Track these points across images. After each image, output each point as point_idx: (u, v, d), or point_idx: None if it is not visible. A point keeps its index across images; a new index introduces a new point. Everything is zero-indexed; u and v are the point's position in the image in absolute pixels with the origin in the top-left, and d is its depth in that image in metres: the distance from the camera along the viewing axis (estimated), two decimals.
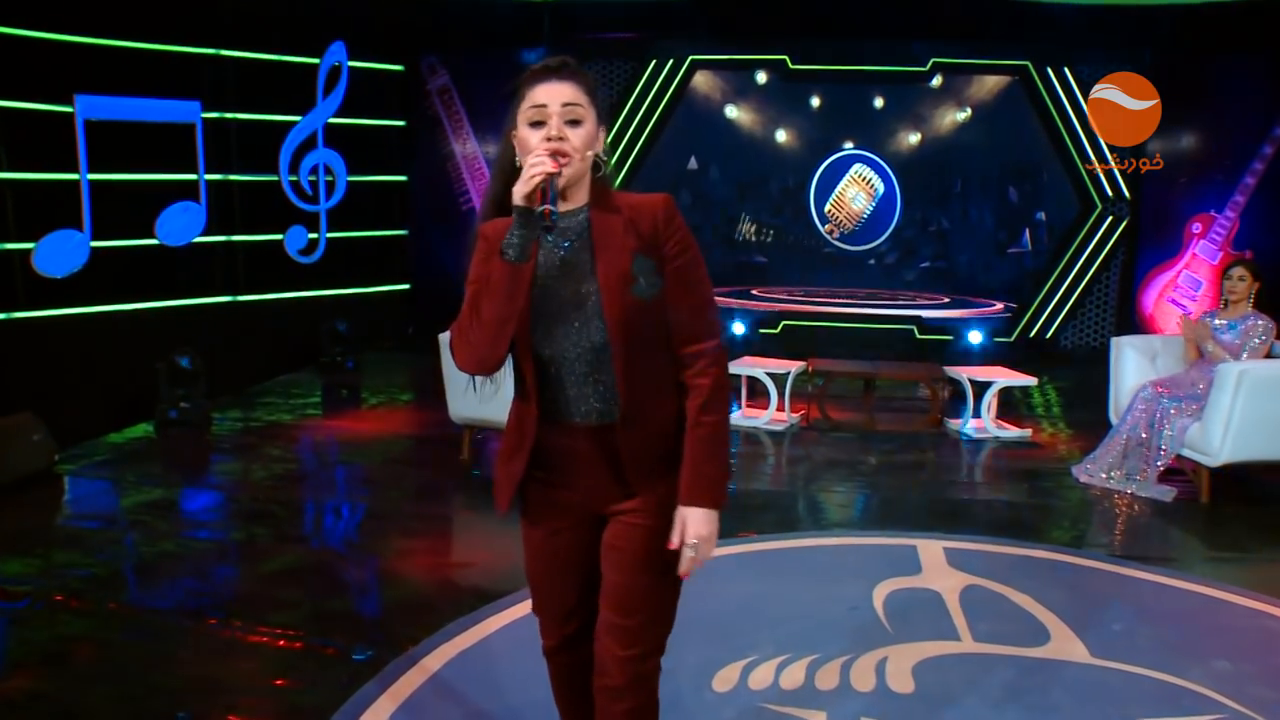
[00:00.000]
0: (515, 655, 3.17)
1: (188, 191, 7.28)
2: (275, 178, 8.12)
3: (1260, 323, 5.27)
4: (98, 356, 6.41)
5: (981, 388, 6.49)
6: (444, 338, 5.40)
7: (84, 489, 5.17)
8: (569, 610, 2.01)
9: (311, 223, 8.48)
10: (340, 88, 8.51)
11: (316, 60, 8.34)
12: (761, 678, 3.03)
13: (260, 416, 6.66)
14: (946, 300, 9.88)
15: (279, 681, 3.01)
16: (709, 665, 3.09)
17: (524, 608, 3.53)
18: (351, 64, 8.55)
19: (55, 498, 5.01)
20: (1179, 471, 5.32)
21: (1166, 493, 5.15)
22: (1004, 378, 6.49)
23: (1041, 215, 9.70)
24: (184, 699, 2.88)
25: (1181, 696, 3.00)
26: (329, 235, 8.62)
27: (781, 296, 9.85)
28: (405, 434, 6.33)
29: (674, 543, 1.83)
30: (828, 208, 9.89)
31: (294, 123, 8.24)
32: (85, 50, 6.50)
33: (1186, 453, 5.18)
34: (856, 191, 9.86)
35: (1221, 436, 4.91)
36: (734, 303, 9.75)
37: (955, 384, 6.66)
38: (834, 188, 9.89)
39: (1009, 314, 9.81)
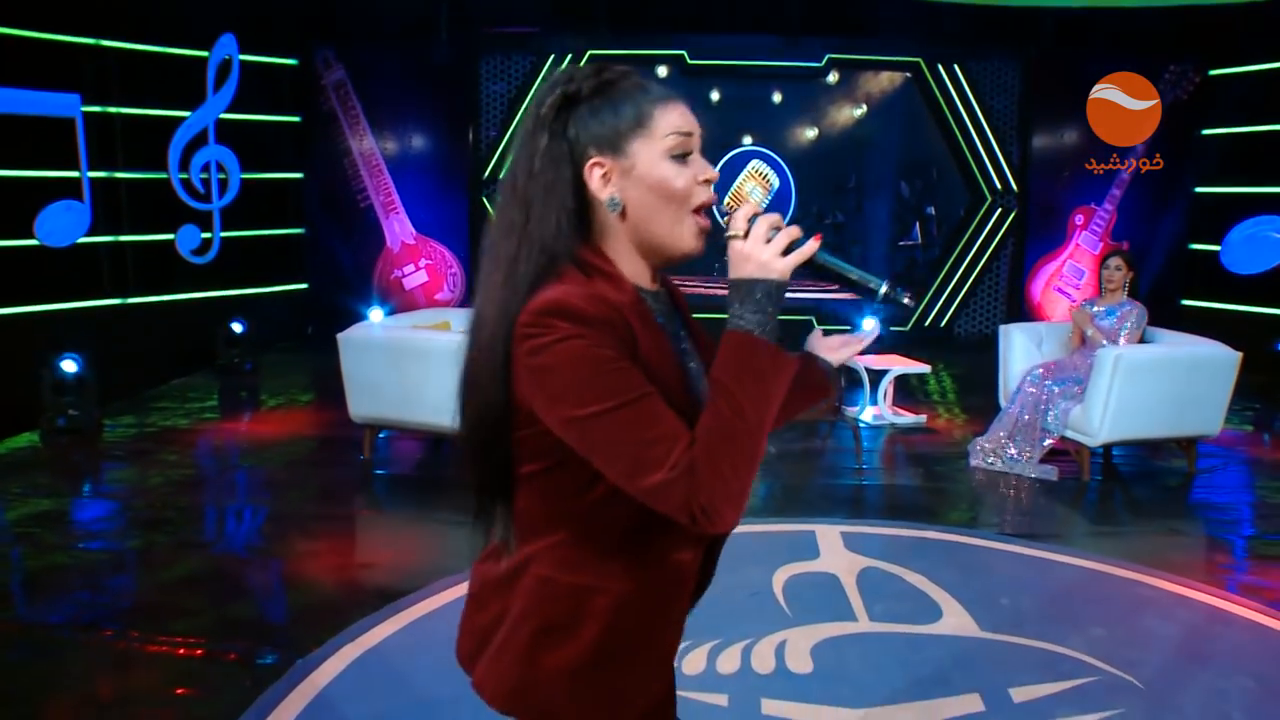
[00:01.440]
0: (418, 652, 3.17)
1: (70, 189, 6.98)
2: (165, 175, 7.86)
3: (1134, 310, 5.58)
4: None
5: (877, 375, 6.70)
6: (346, 338, 5.33)
7: None
8: None
9: (204, 222, 8.23)
10: (231, 82, 8.27)
11: (205, 53, 8.08)
12: None
13: (155, 422, 6.45)
14: (835, 287, 10.11)
15: (180, 691, 2.95)
16: None
17: (426, 606, 3.54)
18: (243, 57, 8.32)
19: None
20: (1063, 452, 5.58)
21: (1050, 472, 5.41)
22: (899, 365, 6.70)
23: (931, 209, 10.03)
24: (79, 715, 2.81)
25: (1060, 663, 3.18)
26: (223, 234, 8.38)
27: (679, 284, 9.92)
28: (306, 435, 6.21)
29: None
30: (726, 201, 10.04)
31: (183, 118, 7.98)
32: None
33: (1070, 434, 5.44)
34: (753, 185, 10.04)
35: (1100, 418, 5.18)
36: None
37: (852, 372, 6.85)
38: (732, 182, 10.04)
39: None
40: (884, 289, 1.27)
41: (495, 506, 1.34)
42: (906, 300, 1.28)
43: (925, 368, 6.75)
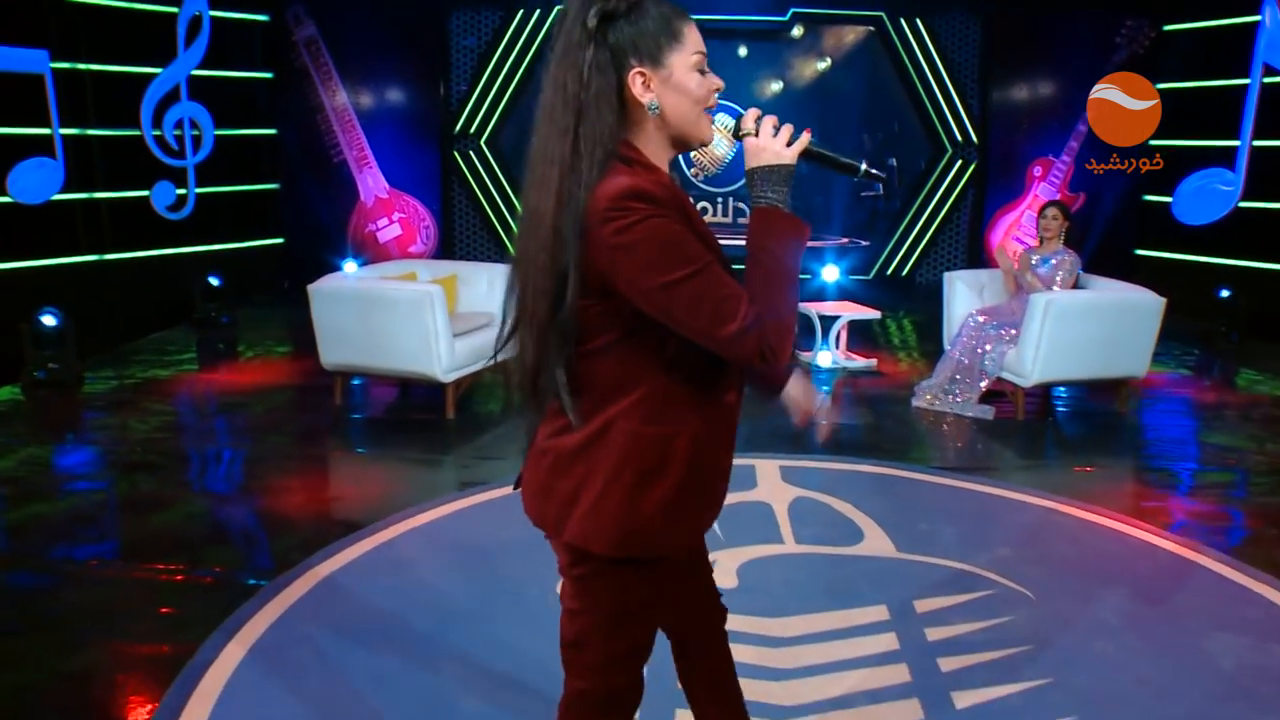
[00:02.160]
0: (378, 574, 3.48)
1: (41, 146, 7.08)
2: (138, 132, 7.99)
3: (1068, 258, 5.87)
4: None
5: (829, 321, 6.98)
6: (316, 290, 5.55)
7: None
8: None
9: (179, 178, 8.38)
10: (202, 38, 8.36)
11: (175, 9, 8.17)
12: None
13: (135, 374, 6.68)
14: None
15: (162, 610, 3.24)
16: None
17: (387, 533, 3.84)
18: (213, 13, 8.41)
19: None
20: (1000, 393, 5.90)
21: (987, 411, 5.73)
22: (849, 311, 6.99)
23: (893, 160, 10.24)
24: (69, 630, 3.09)
25: (964, 579, 3.50)
26: (198, 190, 8.53)
27: None
28: (281, 383, 6.46)
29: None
30: (694, 155, 10.24)
31: (155, 74, 8.09)
32: None
33: (1005, 375, 5.75)
34: (719, 139, 10.21)
35: (1032, 360, 5.48)
36: None
37: (805, 319, 7.13)
38: None
39: (855, 249, 10.37)
40: (864, 167, 1.61)
41: (561, 383, 1.53)
42: (880, 186, 1.66)
43: (875, 314, 7.03)
